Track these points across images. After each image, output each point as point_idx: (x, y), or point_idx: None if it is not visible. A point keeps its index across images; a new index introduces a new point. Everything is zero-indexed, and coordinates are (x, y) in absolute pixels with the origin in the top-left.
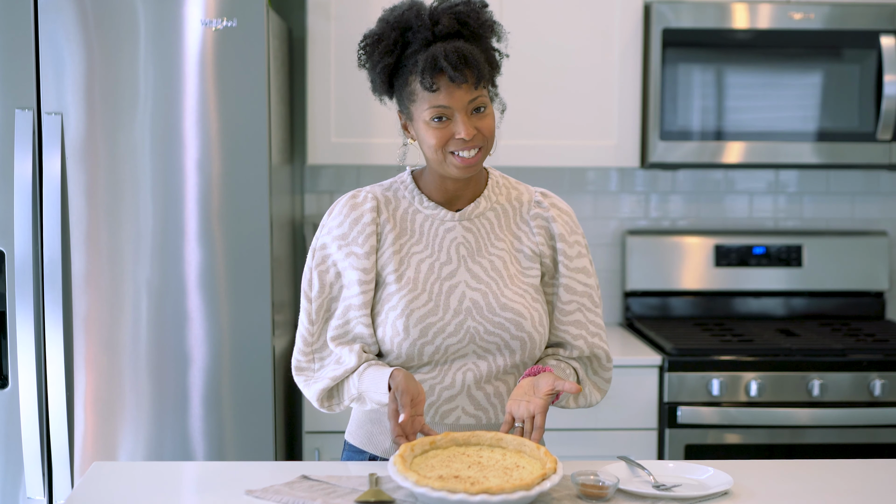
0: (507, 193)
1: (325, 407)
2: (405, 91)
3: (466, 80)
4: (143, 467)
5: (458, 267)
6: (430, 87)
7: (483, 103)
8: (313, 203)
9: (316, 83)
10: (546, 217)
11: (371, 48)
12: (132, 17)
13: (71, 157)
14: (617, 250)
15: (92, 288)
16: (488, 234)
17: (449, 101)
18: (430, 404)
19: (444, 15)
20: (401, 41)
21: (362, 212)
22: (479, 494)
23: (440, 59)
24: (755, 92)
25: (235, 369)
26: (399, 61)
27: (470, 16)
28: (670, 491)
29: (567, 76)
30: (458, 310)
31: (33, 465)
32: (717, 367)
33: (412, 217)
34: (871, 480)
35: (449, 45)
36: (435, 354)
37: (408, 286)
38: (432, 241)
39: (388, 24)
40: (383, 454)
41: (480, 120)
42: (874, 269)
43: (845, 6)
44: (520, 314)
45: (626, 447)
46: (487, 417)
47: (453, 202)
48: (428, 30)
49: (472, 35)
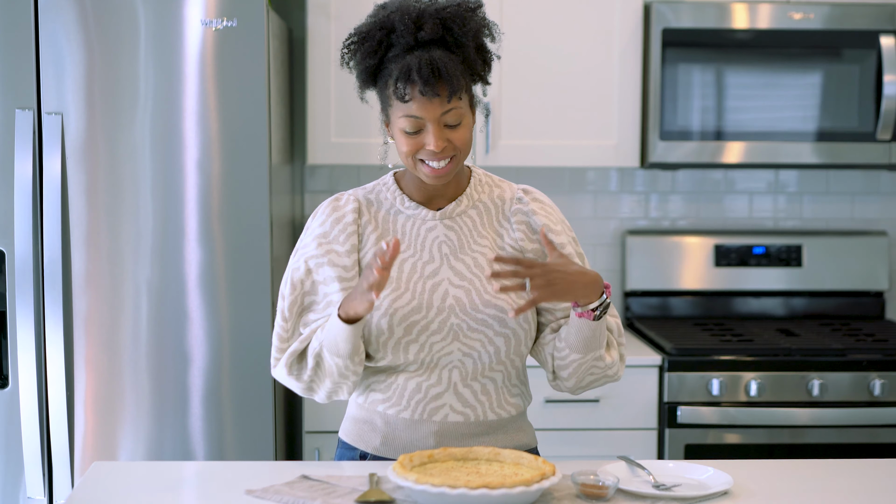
0: (489, 191)
1: (294, 376)
2: (384, 93)
3: (438, 95)
4: (143, 467)
5: (440, 265)
6: (402, 97)
7: (458, 116)
8: (313, 203)
9: (316, 83)
10: (526, 212)
11: (355, 47)
12: (132, 17)
13: (71, 157)
14: (617, 250)
15: (92, 288)
16: (470, 231)
17: (421, 112)
18: (418, 402)
19: (430, 20)
20: (385, 41)
21: (344, 213)
22: (480, 489)
23: (413, 71)
24: (755, 92)
25: (235, 369)
26: (381, 63)
27: (455, 21)
28: (670, 491)
29: (567, 76)
30: (441, 308)
31: (33, 465)
32: (716, 366)
33: (394, 218)
34: (871, 480)
35: (425, 56)
36: (420, 353)
37: (391, 285)
38: (414, 241)
39: (376, 23)
40: (374, 451)
41: (453, 132)
42: (874, 269)
43: (845, 6)
44: (503, 310)
45: (626, 447)
46: (476, 415)
47: (434, 201)
48: (411, 34)
49: (455, 42)
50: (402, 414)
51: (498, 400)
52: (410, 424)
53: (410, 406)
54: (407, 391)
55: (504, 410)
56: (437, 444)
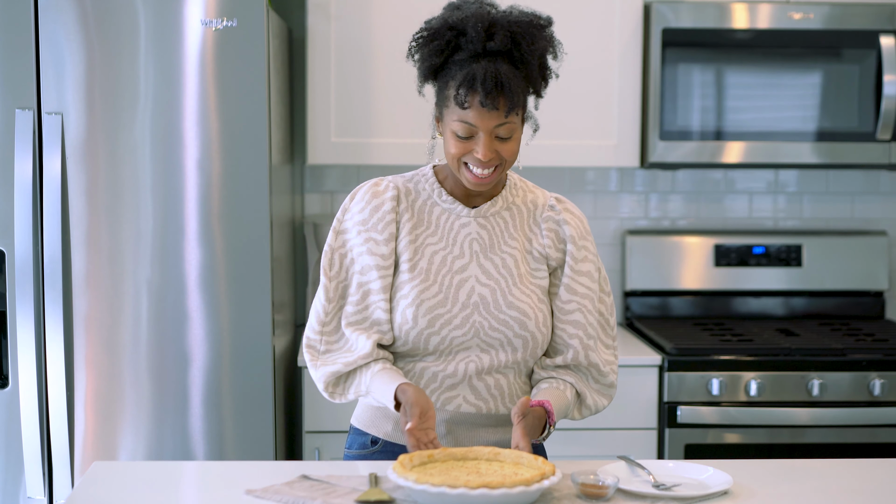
0: (523, 196)
1: (329, 393)
2: (443, 93)
3: (497, 108)
4: (143, 467)
5: (469, 261)
6: (461, 103)
7: (510, 130)
8: (313, 203)
9: (316, 83)
10: (557, 220)
11: (424, 42)
12: (132, 17)
13: (71, 157)
14: (617, 250)
15: (92, 288)
16: (502, 232)
17: (476, 121)
18: (433, 391)
19: (501, 31)
20: (454, 42)
21: (383, 200)
22: (479, 489)
23: (477, 81)
24: (755, 92)
25: (235, 369)
26: (446, 62)
27: (525, 38)
28: (670, 490)
29: (567, 76)
30: (465, 303)
31: (33, 465)
32: (716, 366)
33: (430, 209)
34: (871, 480)
35: (491, 68)
36: (440, 345)
37: (420, 276)
38: (447, 235)
39: (447, 24)
40: (385, 437)
41: (503, 144)
42: (874, 269)
43: (845, 6)
44: (525, 313)
45: (626, 447)
46: (488, 408)
47: (471, 199)
48: (480, 42)
49: (521, 58)
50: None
51: (510, 395)
52: None
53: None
54: (424, 379)
55: (515, 405)
56: (447, 433)
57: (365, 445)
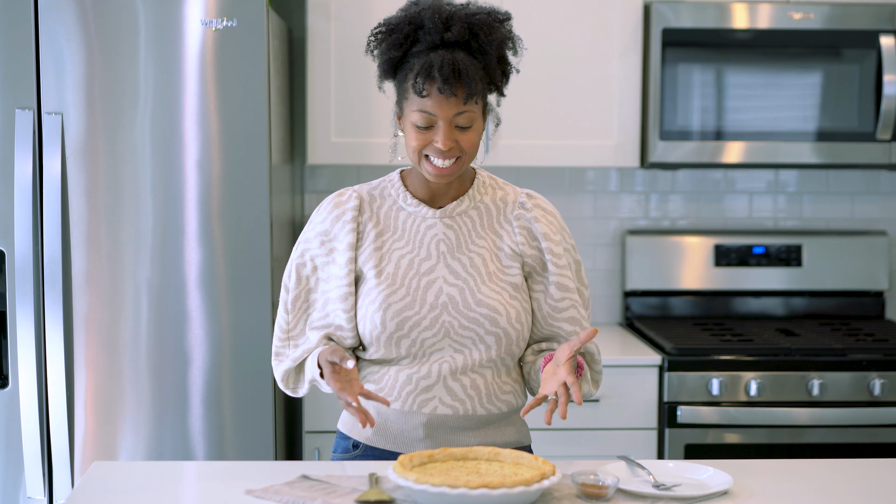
0: (492, 193)
1: (290, 389)
2: (402, 86)
3: (455, 95)
4: (143, 467)
5: (437, 262)
6: (420, 92)
7: (470, 119)
8: (313, 203)
9: (316, 83)
10: (528, 218)
11: (382, 37)
12: (132, 17)
13: (71, 157)
14: (617, 250)
15: (92, 288)
16: (469, 231)
17: (435, 109)
18: (409, 393)
19: (459, 22)
20: (412, 36)
21: (344, 210)
22: (479, 489)
23: (434, 68)
24: (755, 92)
25: (235, 369)
26: (405, 56)
27: (483, 29)
28: (670, 491)
29: (567, 76)
30: (434, 304)
31: (33, 465)
32: (716, 366)
33: (395, 214)
34: (871, 480)
35: (448, 56)
36: (412, 348)
37: (387, 281)
38: (413, 238)
39: (406, 17)
40: (366, 441)
41: (462, 134)
42: (874, 269)
43: (845, 6)
44: (495, 310)
45: (626, 447)
46: (465, 408)
47: (437, 200)
48: (438, 33)
49: (479, 49)
50: (393, 405)
51: (488, 395)
52: (401, 415)
53: (401, 397)
54: (398, 383)
55: (494, 406)
56: (426, 436)
57: (347, 450)
